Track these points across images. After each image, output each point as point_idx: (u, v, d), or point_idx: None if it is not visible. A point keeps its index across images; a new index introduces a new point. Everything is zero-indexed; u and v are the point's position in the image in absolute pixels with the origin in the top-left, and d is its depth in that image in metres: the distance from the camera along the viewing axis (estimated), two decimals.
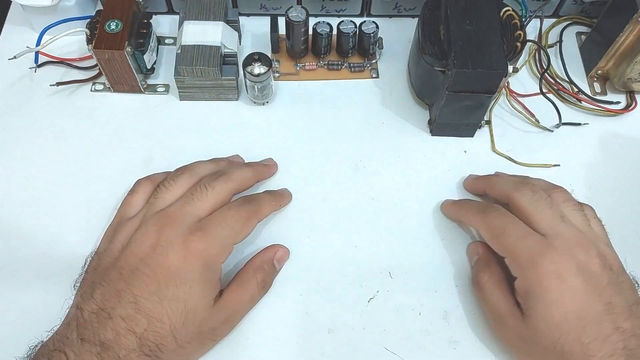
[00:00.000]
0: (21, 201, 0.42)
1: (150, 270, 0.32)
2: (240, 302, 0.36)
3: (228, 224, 0.35)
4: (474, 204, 0.41)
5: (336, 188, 0.43)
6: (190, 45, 0.44)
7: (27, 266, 0.39)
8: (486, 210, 0.38)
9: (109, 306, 0.32)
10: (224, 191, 0.37)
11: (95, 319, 0.31)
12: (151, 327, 0.31)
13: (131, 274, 0.32)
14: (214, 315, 0.34)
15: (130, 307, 0.31)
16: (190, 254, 0.33)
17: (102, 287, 0.33)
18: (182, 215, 0.35)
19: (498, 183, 0.40)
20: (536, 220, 0.35)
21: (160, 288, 0.32)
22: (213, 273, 0.34)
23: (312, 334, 0.37)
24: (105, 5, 0.45)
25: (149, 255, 0.33)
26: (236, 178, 0.38)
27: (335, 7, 0.51)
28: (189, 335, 0.33)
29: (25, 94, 0.47)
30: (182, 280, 0.32)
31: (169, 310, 0.32)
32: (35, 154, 0.44)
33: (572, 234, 0.34)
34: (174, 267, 0.33)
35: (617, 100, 0.48)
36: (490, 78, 0.40)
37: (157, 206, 0.36)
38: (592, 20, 0.52)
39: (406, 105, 0.47)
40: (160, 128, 0.46)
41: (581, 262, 0.33)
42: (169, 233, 0.33)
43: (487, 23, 0.41)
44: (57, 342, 0.31)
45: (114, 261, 0.34)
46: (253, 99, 0.47)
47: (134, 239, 0.34)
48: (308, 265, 0.40)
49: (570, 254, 0.33)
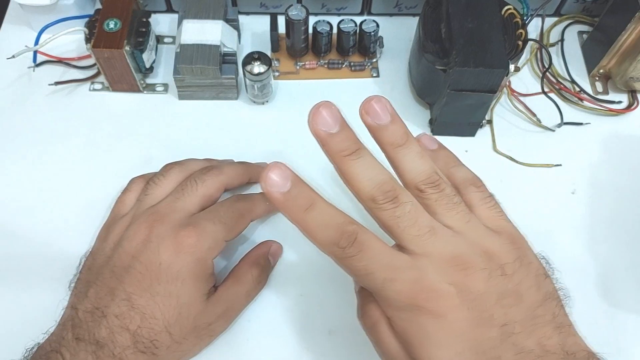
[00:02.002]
0: (19, 201, 0.42)
1: (142, 267, 0.32)
2: (236, 296, 0.36)
3: (220, 220, 0.35)
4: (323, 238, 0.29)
5: (336, 188, 0.43)
6: (189, 44, 0.43)
7: (24, 266, 0.39)
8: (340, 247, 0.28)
9: (102, 304, 0.31)
10: (215, 185, 0.37)
11: (89, 318, 0.31)
12: (145, 324, 0.31)
13: (124, 272, 0.32)
14: (208, 309, 0.34)
15: (123, 305, 0.31)
16: (182, 249, 0.33)
17: (96, 285, 0.32)
18: (173, 211, 0.34)
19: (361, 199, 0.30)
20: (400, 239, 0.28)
21: (152, 284, 0.32)
22: (205, 268, 0.34)
23: (313, 335, 0.37)
24: (104, 4, 0.44)
25: (141, 252, 0.33)
26: (227, 172, 0.38)
27: (335, 5, 0.51)
28: (184, 330, 0.33)
29: (23, 94, 0.47)
30: (174, 276, 0.32)
31: (161, 306, 0.32)
32: (33, 153, 0.44)
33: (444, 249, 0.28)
34: (165, 263, 0.32)
35: (619, 100, 0.48)
36: (491, 77, 0.40)
37: (147, 202, 0.36)
38: (594, 18, 0.52)
39: (407, 105, 0.47)
40: (160, 127, 0.45)
41: (459, 285, 0.27)
42: (159, 229, 0.33)
43: (488, 22, 0.41)
44: (53, 343, 0.31)
45: (107, 260, 0.34)
46: (253, 98, 0.46)
47: (125, 237, 0.34)
48: (308, 266, 0.40)
49: (444, 280, 0.27)
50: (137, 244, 0.33)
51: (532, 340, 0.27)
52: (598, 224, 0.42)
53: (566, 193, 0.43)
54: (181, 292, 0.32)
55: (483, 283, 0.27)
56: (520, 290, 0.28)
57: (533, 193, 0.43)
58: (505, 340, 0.26)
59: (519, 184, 0.44)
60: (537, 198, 0.43)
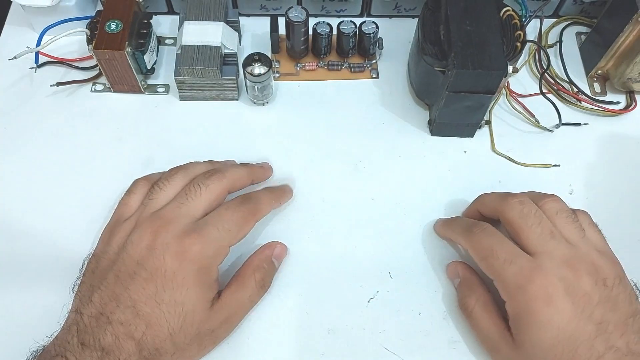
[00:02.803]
0: (21, 201, 0.42)
1: (147, 273, 0.32)
2: (239, 302, 0.36)
3: (224, 225, 0.35)
4: (460, 223, 0.39)
5: (336, 188, 0.43)
6: (190, 46, 0.44)
7: (27, 267, 0.39)
8: (472, 229, 0.36)
9: (108, 310, 0.31)
10: (218, 189, 0.37)
11: (95, 324, 0.31)
12: (149, 332, 0.31)
13: (129, 278, 0.32)
14: (212, 316, 0.34)
15: (128, 312, 0.31)
16: (186, 257, 0.33)
17: (101, 290, 0.32)
18: (177, 217, 0.34)
19: (487, 199, 0.39)
20: (525, 236, 0.34)
21: (157, 292, 0.32)
22: (209, 275, 0.34)
23: (312, 334, 0.37)
24: (105, 5, 0.45)
25: (146, 258, 0.33)
26: (230, 176, 0.38)
27: (335, 7, 0.51)
28: (188, 337, 0.33)
29: (25, 94, 0.47)
30: (178, 284, 0.32)
31: (166, 313, 0.32)
32: (35, 154, 0.44)
33: (561, 251, 0.33)
34: (170, 270, 0.32)
35: (617, 101, 0.48)
36: (490, 78, 0.40)
37: (152, 207, 0.36)
38: (592, 20, 0.52)
39: (406, 106, 0.48)
40: (161, 128, 0.46)
41: (570, 282, 0.32)
42: (164, 236, 0.33)
43: (487, 23, 0.41)
44: (58, 347, 0.31)
45: (111, 264, 0.34)
46: (253, 99, 0.47)
47: (130, 242, 0.34)
48: (308, 265, 0.40)
49: (558, 275, 0.32)
50: (142, 249, 0.33)
51: (621, 341, 0.31)
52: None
53: (564, 193, 0.44)
54: (186, 299, 0.32)
55: (589, 286, 0.32)
56: (617, 300, 0.32)
57: None
58: (599, 335, 0.31)
59: (518, 184, 0.44)
60: None
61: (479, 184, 0.44)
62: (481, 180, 0.44)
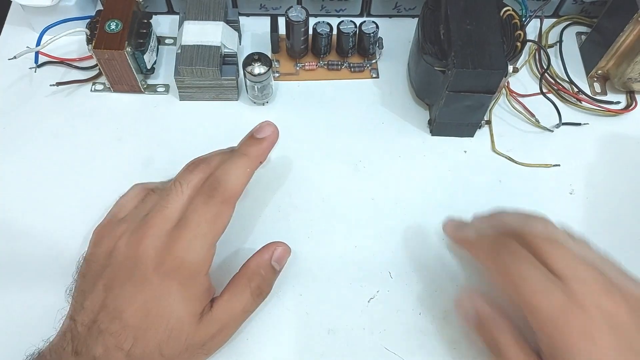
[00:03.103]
0: (21, 201, 0.42)
1: (133, 285, 0.32)
2: (232, 314, 0.34)
3: (201, 230, 0.33)
4: (485, 241, 0.36)
5: (336, 188, 0.43)
6: (190, 45, 0.44)
7: (26, 267, 0.39)
8: (500, 251, 0.33)
9: (99, 319, 0.31)
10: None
11: (86, 333, 0.31)
12: (138, 344, 0.31)
13: (117, 287, 0.32)
14: (201, 330, 0.33)
15: (117, 323, 0.31)
16: (170, 271, 0.32)
17: (91, 297, 0.32)
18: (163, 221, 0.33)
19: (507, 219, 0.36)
20: (551, 259, 0.32)
21: (145, 302, 0.32)
22: (197, 286, 0.33)
23: (312, 334, 0.37)
24: (105, 5, 0.45)
25: (132, 269, 0.32)
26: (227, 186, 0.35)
27: (335, 7, 0.51)
28: (177, 350, 0.32)
29: (25, 94, 0.47)
30: (163, 297, 0.32)
31: (152, 326, 0.31)
32: (35, 154, 0.44)
33: (591, 274, 0.31)
34: (156, 283, 0.32)
35: (617, 100, 0.48)
36: (490, 78, 0.40)
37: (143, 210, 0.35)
38: (592, 20, 0.52)
39: (406, 105, 0.47)
40: (160, 128, 0.46)
41: (610, 315, 0.30)
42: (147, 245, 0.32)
43: (487, 23, 0.41)
44: (53, 353, 0.31)
45: (100, 269, 0.33)
46: (253, 99, 0.47)
47: (117, 248, 0.33)
48: (308, 265, 0.40)
49: (597, 307, 0.30)
50: (129, 260, 0.32)
51: None
52: (596, 224, 0.42)
53: (564, 193, 0.44)
54: (172, 315, 0.32)
55: (627, 315, 0.30)
56: None
57: (531, 193, 0.44)
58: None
59: (518, 184, 0.44)
60: (536, 198, 0.43)
61: (479, 184, 0.44)
62: (481, 180, 0.44)
